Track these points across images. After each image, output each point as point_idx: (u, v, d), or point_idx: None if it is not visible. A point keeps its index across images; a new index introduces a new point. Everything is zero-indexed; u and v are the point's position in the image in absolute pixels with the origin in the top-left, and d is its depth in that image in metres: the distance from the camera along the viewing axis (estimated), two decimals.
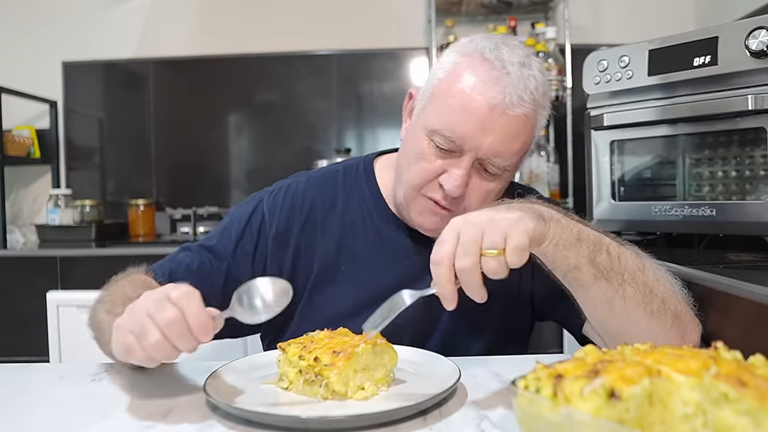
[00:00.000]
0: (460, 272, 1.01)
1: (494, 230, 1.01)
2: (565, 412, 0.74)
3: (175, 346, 0.99)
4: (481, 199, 1.34)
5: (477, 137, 1.28)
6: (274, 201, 1.52)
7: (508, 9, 3.69)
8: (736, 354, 0.83)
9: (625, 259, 1.19)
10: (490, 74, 1.28)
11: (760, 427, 0.70)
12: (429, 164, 1.33)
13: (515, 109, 1.28)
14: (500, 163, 1.31)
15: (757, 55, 1.62)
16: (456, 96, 1.30)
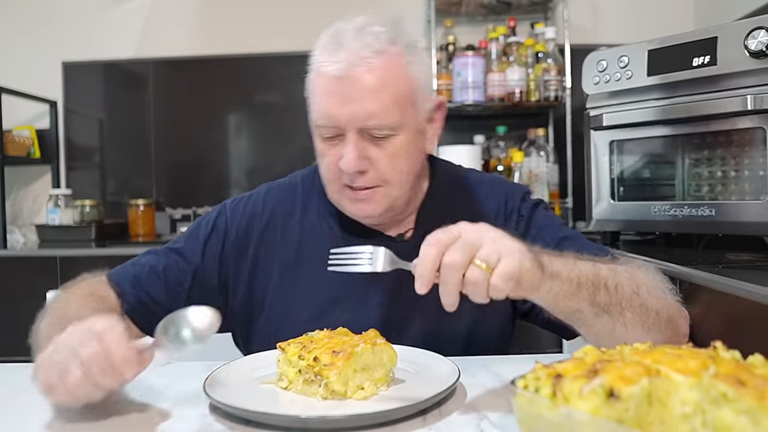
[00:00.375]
0: (444, 266, 0.98)
1: (493, 247, 0.99)
2: (565, 411, 0.74)
3: (97, 383, 0.97)
4: (390, 162, 1.34)
5: (341, 110, 1.30)
6: (236, 208, 1.55)
7: (508, 9, 3.69)
8: (734, 354, 0.83)
9: (622, 287, 1.19)
10: (328, 50, 1.33)
11: (759, 426, 0.70)
12: (328, 157, 1.36)
13: (359, 69, 1.29)
14: (380, 123, 1.30)
15: (756, 56, 1.62)
16: (313, 85, 1.36)
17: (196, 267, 1.48)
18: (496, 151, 3.62)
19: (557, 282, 1.09)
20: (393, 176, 1.35)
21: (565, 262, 1.14)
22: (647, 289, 1.23)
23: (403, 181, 1.38)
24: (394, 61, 1.33)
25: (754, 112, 1.65)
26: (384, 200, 1.37)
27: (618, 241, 2.21)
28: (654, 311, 1.22)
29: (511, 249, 1.00)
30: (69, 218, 3.62)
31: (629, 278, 1.22)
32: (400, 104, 1.33)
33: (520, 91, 3.37)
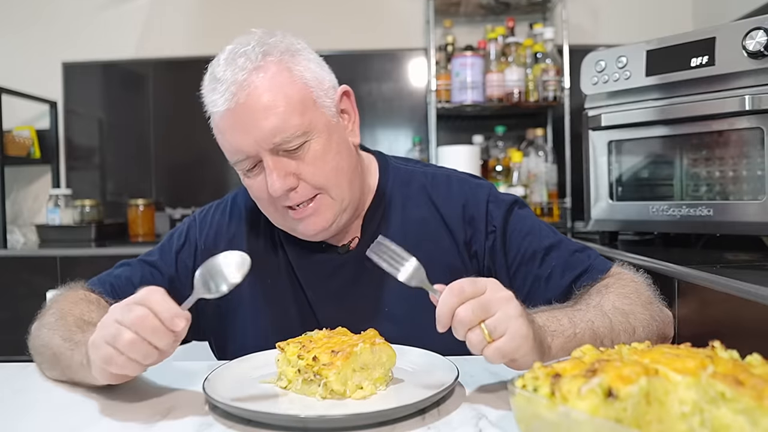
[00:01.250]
0: (455, 317, 1.01)
1: (504, 322, 1.01)
2: (563, 411, 0.74)
3: (150, 342, 1.00)
4: (316, 169, 1.32)
5: (245, 140, 1.29)
6: (204, 218, 1.56)
7: (506, 10, 3.70)
8: (732, 353, 0.83)
9: (618, 339, 1.18)
10: (209, 90, 1.34)
11: (757, 425, 0.71)
12: (256, 189, 1.36)
13: (242, 93, 1.27)
14: (285, 136, 1.28)
15: (754, 56, 1.62)
16: (215, 128, 1.37)
17: (171, 278, 1.48)
18: (494, 151, 3.62)
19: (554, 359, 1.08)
20: (325, 181, 1.33)
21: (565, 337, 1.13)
22: (643, 327, 1.24)
23: (339, 181, 1.35)
24: (274, 72, 1.31)
25: (752, 112, 1.66)
26: (330, 207, 1.35)
27: (616, 241, 2.21)
28: (646, 339, 1.21)
29: (518, 333, 1.01)
30: (69, 218, 3.62)
31: (626, 323, 1.22)
32: (297, 110, 1.30)
33: (519, 92, 3.37)
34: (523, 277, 1.44)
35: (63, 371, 1.20)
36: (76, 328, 1.20)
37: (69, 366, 1.16)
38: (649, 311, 1.27)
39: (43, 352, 1.25)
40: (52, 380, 1.25)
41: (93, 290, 1.42)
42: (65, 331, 1.21)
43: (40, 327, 1.29)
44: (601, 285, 1.33)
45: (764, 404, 0.70)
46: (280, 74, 1.31)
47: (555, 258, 1.42)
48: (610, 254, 1.87)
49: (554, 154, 3.51)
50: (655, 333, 1.26)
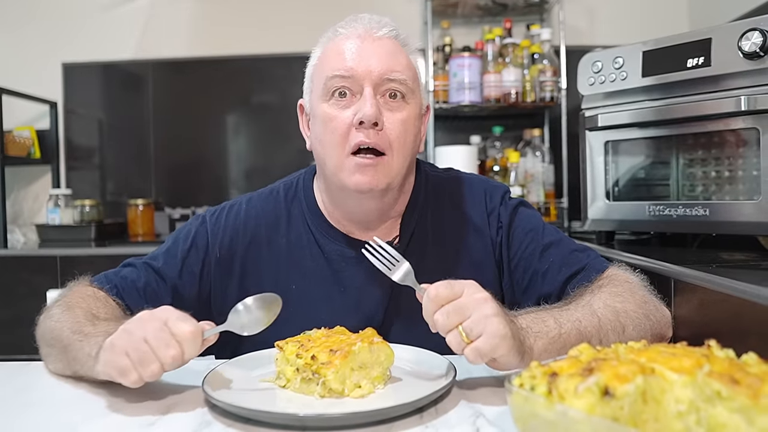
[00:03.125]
0: (436, 322, 1.06)
1: (480, 322, 1.04)
2: (560, 409, 0.75)
3: (160, 356, 1.04)
4: (400, 128, 1.37)
5: (361, 63, 1.35)
6: (216, 222, 1.53)
7: (504, 11, 3.70)
8: (728, 352, 0.84)
9: (607, 338, 1.20)
10: (345, 23, 1.44)
11: (752, 424, 0.71)
12: (339, 119, 1.37)
13: (381, 32, 1.40)
14: (398, 76, 1.36)
15: (750, 57, 1.63)
16: (331, 53, 1.41)
17: (175, 285, 1.47)
18: (492, 151, 3.62)
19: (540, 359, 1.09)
20: (401, 143, 1.38)
21: (549, 338, 1.14)
22: (634, 326, 1.24)
23: (406, 153, 1.40)
24: (404, 45, 1.44)
25: (747, 112, 1.66)
26: (387, 172, 1.37)
27: (613, 241, 2.21)
28: (638, 337, 1.22)
29: (494, 333, 1.03)
30: (69, 218, 3.62)
31: (615, 321, 1.23)
32: (413, 72, 1.41)
33: (516, 92, 3.37)
34: (522, 271, 1.48)
35: (69, 363, 1.21)
36: (86, 321, 1.22)
37: (75, 357, 1.17)
38: (643, 310, 1.28)
39: (52, 344, 1.26)
40: (54, 375, 1.26)
41: (101, 288, 1.42)
42: (74, 323, 1.22)
43: (47, 318, 1.31)
44: (595, 286, 1.35)
45: (760, 403, 0.71)
46: (407, 50, 1.44)
47: (554, 254, 1.45)
48: (606, 254, 1.87)
49: (551, 154, 3.51)
50: (649, 331, 1.27)
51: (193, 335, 1.06)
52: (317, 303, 1.45)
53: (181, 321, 1.07)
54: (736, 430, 0.73)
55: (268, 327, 1.16)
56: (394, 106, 1.37)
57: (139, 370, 1.03)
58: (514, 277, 1.49)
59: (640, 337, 1.23)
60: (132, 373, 1.03)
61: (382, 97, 1.36)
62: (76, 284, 1.42)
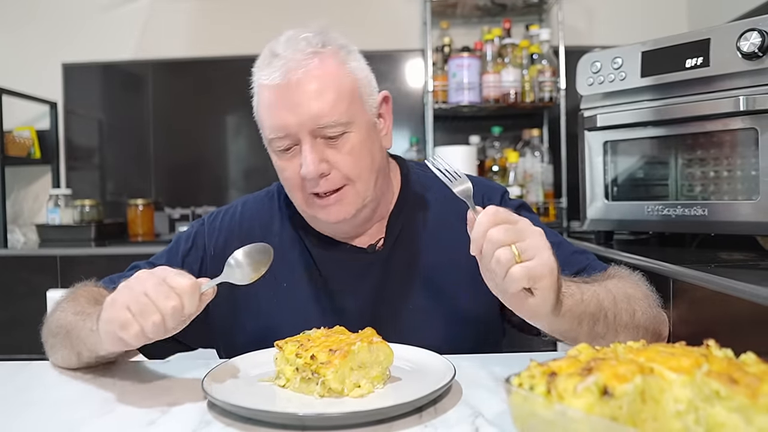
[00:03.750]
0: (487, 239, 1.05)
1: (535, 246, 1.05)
2: (559, 409, 0.75)
3: (168, 329, 1.07)
4: (350, 160, 1.36)
5: (290, 117, 1.32)
6: (212, 223, 1.57)
7: (503, 11, 3.71)
8: (727, 352, 0.84)
9: (620, 316, 1.22)
10: (264, 64, 1.37)
11: (751, 423, 0.71)
12: (287, 170, 1.39)
13: (298, 72, 1.32)
14: (330, 120, 1.32)
15: (749, 57, 1.63)
16: (258, 103, 1.40)
17: None
18: (491, 151, 3.63)
19: (561, 320, 1.13)
20: (356, 174, 1.37)
21: (574, 300, 1.16)
22: (642, 311, 1.27)
23: (367, 177, 1.39)
24: (330, 61, 1.36)
25: (746, 113, 1.66)
26: (353, 200, 1.38)
27: (611, 241, 2.22)
28: (643, 328, 1.26)
29: (547, 261, 1.04)
30: (69, 218, 3.63)
31: (627, 303, 1.25)
32: (345, 100, 1.35)
33: (515, 92, 3.38)
34: None
35: (72, 344, 1.23)
36: (88, 304, 1.25)
37: (78, 336, 1.20)
38: (647, 302, 1.31)
39: (57, 332, 1.28)
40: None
41: (106, 288, 1.44)
42: (77, 307, 1.26)
43: (53, 312, 1.34)
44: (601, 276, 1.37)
45: (758, 402, 0.71)
46: (335, 64, 1.37)
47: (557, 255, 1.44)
48: (605, 254, 1.87)
49: (550, 154, 3.52)
50: (652, 322, 1.29)
51: (192, 287, 1.08)
52: (305, 302, 1.47)
53: (179, 275, 1.09)
54: (734, 429, 0.73)
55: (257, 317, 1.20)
56: (336, 144, 1.35)
57: (140, 321, 1.05)
58: None
59: (647, 325, 1.27)
60: (133, 325, 1.05)
61: (323, 139, 1.35)
62: (81, 285, 1.44)
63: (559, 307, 1.11)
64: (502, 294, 1.09)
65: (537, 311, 1.08)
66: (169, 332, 1.08)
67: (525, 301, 1.07)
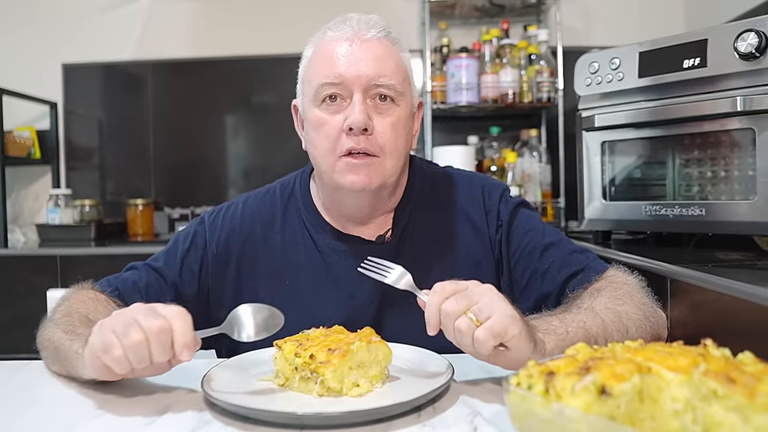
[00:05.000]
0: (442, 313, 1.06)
1: (489, 305, 1.04)
2: (557, 408, 0.75)
3: (151, 353, 1.02)
4: (390, 131, 1.39)
5: (350, 68, 1.36)
6: (213, 222, 1.57)
7: (501, 12, 3.71)
8: (724, 351, 0.84)
9: (612, 337, 1.19)
10: (334, 25, 1.43)
11: (748, 422, 0.71)
12: (329, 124, 1.39)
13: (369, 34, 1.40)
14: (386, 81, 1.37)
15: (746, 58, 1.64)
16: (320, 57, 1.41)
17: (174, 283, 1.49)
18: (489, 151, 3.63)
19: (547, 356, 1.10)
20: (390, 147, 1.39)
21: (557, 336, 1.14)
22: (636, 327, 1.25)
23: (398, 154, 1.42)
24: (393, 46, 1.43)
25: (743, 113, 1.67)
26: (379, 173, 1.40)
27: (609, 240, 2.22)
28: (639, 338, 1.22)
29: (504, 312, 1.03)
30: (69, 218, 3.64)
31: (618, 323, 1.23)
32: (402, 74, 1.42)
33: (513, 93, 3.38)
34: (521, 270, 1.49)
35: (62, 363, 1.22)
36: (80, 324, 1.23)
37: (66, 357, 1.18)
38: (642, 311, 1.29)
39: (47, 346, 1.27)
40: (55, 375, 1.26)
41: (102, 291, 1.44)
42: (68, 326, 1.24)
43: (47, 323, 1.32)
44: (593, 289, 1.35)
45: (755, 401, 0.71)
46: (396, 48, 1.45)
47: (553, 255, 1.46)
48: (603, 253, 1.88)
49: (548, 154, 3.52)
50: (649, 333, 1.28)
51: (181, 312, 1.05)
52: (310, 297, 1.47)
53: (170, 306, 1.07)
54: (731, 428, 0.73)
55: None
56: (383, 109, 1.39)
57: (123, 342, 1.00)
58: (514, 276, 1.50)
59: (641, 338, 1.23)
60: (116, 347, 1.00)
61: (371, 101, 1.38)
62: (78, 288, 1.44)
63: (542, 347, 1.09)
64: (480, 358, 1.07)
65: (520, 361, 1.04)
66: (155, 360, 1.03)
67: (505, 357, 1.06)
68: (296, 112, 1.54)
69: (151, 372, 1.07)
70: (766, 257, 1.64)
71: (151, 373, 1.09)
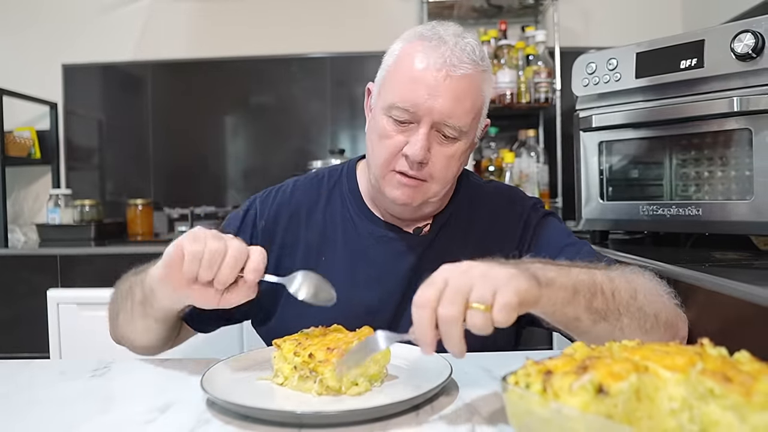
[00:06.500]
0: (442, 320, 0.95)
1: (484, 284, 0.95)
2: (555, 407, 0.76)
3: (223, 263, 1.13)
4: (445, 163, 1.43)
5: (428, 101, 1.36)
6: (265, 200, 1.63)
7: (499, 13, 3.71)
8: (721, 350, 0.84)
9: (619, 292, 1.18)
10: (430, 45, 1.40)
11: (745, 421, 0.72)
12: (391, 139, 1.42)
13: (458, 71, 1.37)
14: (455, 123, 1.38)
15: (743, 58, 1.64)
16: (404, 72, 1.41)
17: None
18: (487, 151, 3.63)
19: (553, 289, 1.06)
20: (440, 176, 1.43)
21: (559, 269, 1.13)
22: (645, 294, 1.23)
23: (446, 182, 1.47)
24: (479, 75, 1.43)
25: (740, 113, 1.67)
26: (423, 193, 1.44)
27: (607, 240, 2.22)
28: (652, 315, 1.21)
29: (504, 279, 0.97)
30: (69, 217, 3.64)
31: (626, 283, 1.22)
32: (473, 114, 1.42)
33: (511, 93, 3.39)
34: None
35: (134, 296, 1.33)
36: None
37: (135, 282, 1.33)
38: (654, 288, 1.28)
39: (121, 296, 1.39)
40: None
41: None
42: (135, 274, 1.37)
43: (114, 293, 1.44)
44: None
45: (752, 400, 0.71)
46: (480, 80, 1.43)
47: (571, 253, 1.45)
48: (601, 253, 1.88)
49: (546, 154, 3.52)
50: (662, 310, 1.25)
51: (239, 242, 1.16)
52: (343, 274, 1.50)
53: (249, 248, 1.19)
54: (728, 427, 0.73)
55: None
56: (444, 143, 1.41)
57: (207, 243, 1.13)
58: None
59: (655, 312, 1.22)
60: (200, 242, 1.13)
61: (436, 132, 1.40)
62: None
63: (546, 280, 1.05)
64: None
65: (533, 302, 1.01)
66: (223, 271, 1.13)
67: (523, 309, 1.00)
68: (368, 95, 1.58)
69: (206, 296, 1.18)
70: (762, 257, 1.64)
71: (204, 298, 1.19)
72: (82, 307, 1.96)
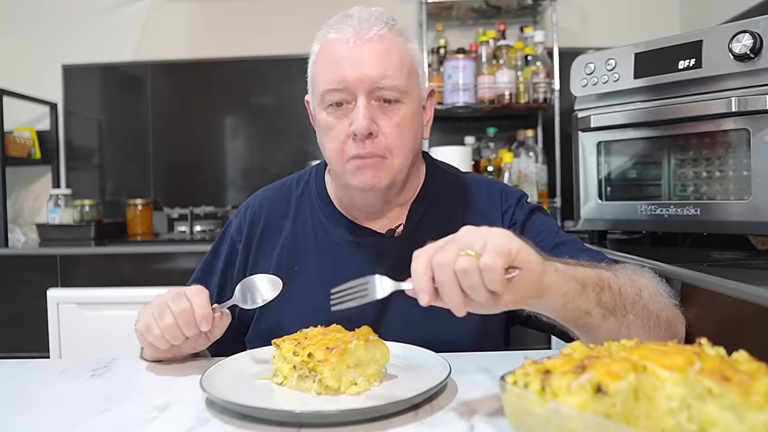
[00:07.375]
0: (436, 269, 0.96)
1: (478, 235, 0.98)
2: (553, 406, 0.76)
3: (182, 330, 1.23)
4: (397, 131, 1.39)
5: (353, 71, 1.35)
6: (239, 226, 1.63)
7: (498, 13, 3.72)
8: (719, 350, 0.84)
9: (625, 288, 1.19)
10: (338, 26, 1.41)
11: (743, 421, 0.72)
12: (336, 128, 1.40)
13: (370, 33, 1.38)
14: (389, 83, 1.36)
15: (741, 59, 1.64)
16: (324, 59, 1.42)
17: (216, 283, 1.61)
18: (486, 152, 3.64)
19: (563, 278, 1.06)
20: (398, 146, 1.39)
21: (566, 261, 1.14)
22: (648, 293, 1.23)
23: (406, 152, 1.42)
24: (398, 35, 1.42)
25: (738, 113, 1.67)
26: (387, 172, 1.40)
27: (605, 240, 2.23)
28: (654, 314, 1.22)
29: (498, 233, 0.98)
30: (69, 217, 3.66)
31: (630, 281, 1.22)
32: (406, 70, 1.40)
33: (510, 94, 3.39)
34: None
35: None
36: None
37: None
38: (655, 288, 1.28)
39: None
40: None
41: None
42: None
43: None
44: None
45: (750, 400, 0.71)
46: (401, 40, 1.43)
47: (564, 252, 1.43)
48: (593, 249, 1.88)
49: (544, 154, 3.53)
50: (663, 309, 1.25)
51: (198, 289, 1.27)
52: (317, 284, 1.48)
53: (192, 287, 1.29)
54: (726, 426, 0.73)
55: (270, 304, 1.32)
56: (389, 110, 1.39)
57: (159, 323, 1.24)
58: None
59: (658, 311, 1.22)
60: (155, 329, 1.25)
61: (376, 102, 1.38)
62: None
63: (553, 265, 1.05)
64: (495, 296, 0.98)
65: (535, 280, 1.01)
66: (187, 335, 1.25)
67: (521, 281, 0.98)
68: (309, 106, 1.55)
69: (192, 346, 1.31)
70: (760, 257, 1.64)
71: (193, 347, 1.32)
72: (82, 306, 1.96)
